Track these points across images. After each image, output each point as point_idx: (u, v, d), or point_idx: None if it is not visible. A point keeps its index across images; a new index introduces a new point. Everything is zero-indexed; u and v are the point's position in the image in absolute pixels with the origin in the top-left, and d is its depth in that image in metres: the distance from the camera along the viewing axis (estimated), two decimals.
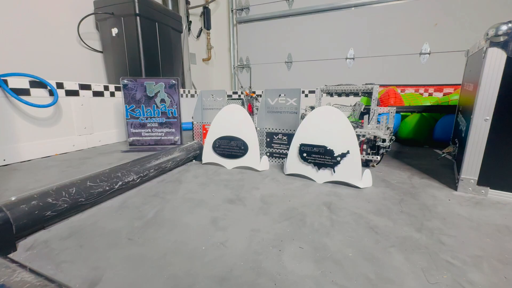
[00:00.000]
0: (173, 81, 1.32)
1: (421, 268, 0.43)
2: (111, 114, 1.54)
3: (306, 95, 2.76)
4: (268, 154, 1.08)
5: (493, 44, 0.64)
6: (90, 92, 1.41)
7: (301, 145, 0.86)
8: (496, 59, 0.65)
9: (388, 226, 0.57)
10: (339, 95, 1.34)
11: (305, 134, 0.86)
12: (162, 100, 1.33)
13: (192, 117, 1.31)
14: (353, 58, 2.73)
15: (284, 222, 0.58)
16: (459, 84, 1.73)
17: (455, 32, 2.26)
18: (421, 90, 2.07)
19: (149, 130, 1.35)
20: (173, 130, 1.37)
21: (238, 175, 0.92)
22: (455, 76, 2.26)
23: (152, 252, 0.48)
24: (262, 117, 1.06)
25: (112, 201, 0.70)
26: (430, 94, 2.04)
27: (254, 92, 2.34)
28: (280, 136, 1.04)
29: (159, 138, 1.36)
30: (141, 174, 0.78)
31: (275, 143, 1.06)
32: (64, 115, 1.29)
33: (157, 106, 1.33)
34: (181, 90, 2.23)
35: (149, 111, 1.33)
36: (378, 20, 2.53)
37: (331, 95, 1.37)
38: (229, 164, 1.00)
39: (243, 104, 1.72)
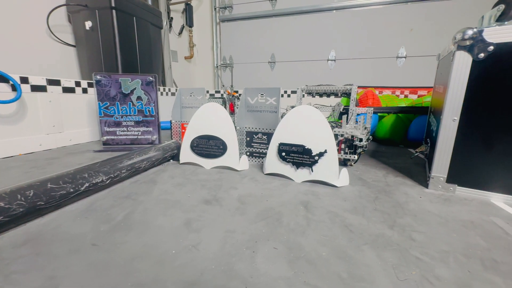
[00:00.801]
0: (151, 78, 1.27)
1: (391, 265, 0.43)
2: (84, 112, 1.46)
3: (289, 95, 2.78)
4: (248, 153, 1.07)
5: (460, 47, 0.67)
6: (59, 88, 1.32)
7: (280, 144, 0.86)
8: (463, 62, 0.68)
9: (362, 224, 0.57)
10: (320, 95, 1.35)
11: (284, 134, 0.86)
12: (139, 98, 1.27)
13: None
14: (334, 60, 2.79)
15: (260, 222, 0.57)
16: (432, 87, 1.82)
17: (429, 37, 2.37)
18: (398, 92, 2.16)
19: (125, 129, 1.29)
20: (151, 129, 1.32)
21: (216, 175, 0.90)
22: (428, 79, 2.37)
23: (118, 258, 0.45)
24: (242, 116, 1.04)
25: (77, 204, 0.65)
26: (406, 96, 2.13)
27: (236, 92, 2.32)
28: (260, 135, 1.03)
29: (135, 137, 1.31)
30: (112, 175, 0.73)
31: (255, 143, 1.04)
32: (29, 112, 1.20)
33: (133, 104, 1.27)
34: (161, 88, 2.17)
35: (124, 109, 1.27)
36: (358, 24, 2.61)
37: (313, 95, 1.39)
38: (208, 164, 0.98)
39: (225, 103, 1.69)
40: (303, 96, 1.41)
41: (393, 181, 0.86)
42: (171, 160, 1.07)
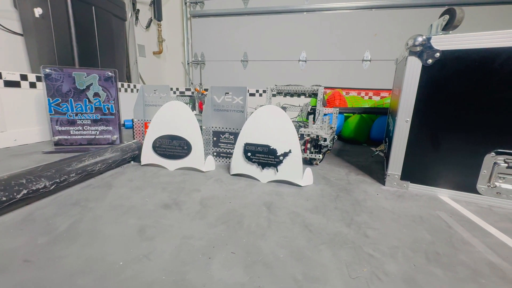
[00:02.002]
0: (110, 73, 1.18)
1: (345, 264, 0.44)
2: (31, 109, 1.31)
3: (261, 95, 2.79)
4: (215, 154, 1.04)
5: (411, 53, 0.72)
6: (0, 82, 1.16)
7: (246, 144, 0.85)
8: (414, 67, 0.72)
9: (322, 223, 0.58)
10: (292, 95, 1.37)
11: (249, 134, 0.84)
12: (96, 94, 1.17)
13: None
14: (305, 61, 2.86)
15: (220, 226, 0.55)
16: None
17: (391, 42, 2.53)
18: (363, 94, 2.28)
19: (80, 128, 1.18)
20: (111, 128, 1.22)
21: (180, 176, 0.86)
22: (390, 81, 2.53)
23: (54, 275, 0.40)
24: (208, 115, 1.01)
25: (13, 214, 0.58)
26: (370, 97, 2.25)
27: (206, 90, 2.27)
28: (227, 135, 1.01)
29: (92, 137, 1.20)
30: (57, 180, 0.66)
31: (222, 143, 1.02)
32: None
33: (89, 101, 1.17)
34: (126, 84, 2.03)
35: (79, 106, 1.16)
36: (327, 27, 2.69)
37: (284, 95, 1.40)
38: (171, 165, 0.93)
39: (194, 102, 1.64)
40: (275, 95, 1.42)
41: (354, 179, 0.90)
42: (132, 162, 1.00)
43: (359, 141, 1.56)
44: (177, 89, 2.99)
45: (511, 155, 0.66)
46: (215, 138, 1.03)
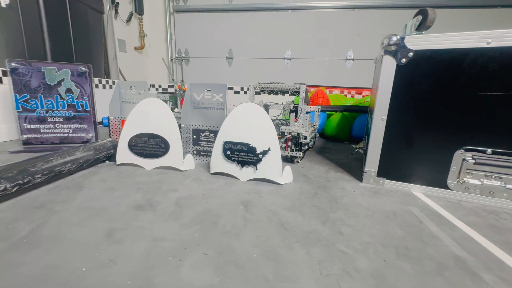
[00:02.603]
0: (83, 68, 1.12)
1: (317, 261, 0.44)
2: None
3: (245, 92, 2.77)
4: (195, 152, 1.02)
5: (386, 52, 0.73)
6: None
7: (225, 142, 0.83)
8: (389, 66, 0.74)
9: (298, 221, 0.58)
10: (276, 93, 1.37)
11: (228, 132, 0.83)
12: (69, 90, 1.11)
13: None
14: (290, 59, 2.87)
15: (194, 227, 0.54)
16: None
17: (373, 42, 2.59)
18: (345, 92, 2.32)
19: (51, 126, 1.12)
20: (85, 126, 1.17)
21: (157, 176, 0.83)
22: (372, 80, 2.59)
23: (7, 285, 0.37)
24: (188, 113, 0.98)
25: None
26: (352, 96, 2.30)
27: None
28: (207, 133, 0.99)
29: (65, 135, 1.14)
30: (20, 182, 0.62)
31: (202, 141, 1.00)
32: None
33: (61, 97, 1.11)
34: (104, 80, 1.95)
35: (50, 102, 1.10)
36: (312, 26, 2.71)
37: (269, 93, 1.39)
38: (149, 164, 0.90)
39: (176, 99, 1.60)
40: (259, 93, 1.41)
41: (333, 176, 0.91)
42: (107, 161, 0.96)
43: (341, 138, 1.59)
44: (160, 85, 2.91)
45: (478, 151, 0.69)
46: (195, 136, 1.00)
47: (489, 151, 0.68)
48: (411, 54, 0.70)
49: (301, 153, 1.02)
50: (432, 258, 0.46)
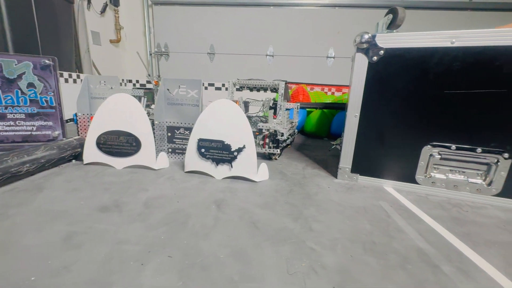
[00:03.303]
0: (47, 61, 1.04)
1: (286, 259, 0.44)
2: None
3: (227, 89, 2.73)
4: (170, 150, 0.99)
5: (358, 50, 0.74)
6: None
7: (199, 140, 0.81)
8: (361, 63, 0.74)
9: (270, 218, 0.58)
10: (258, 90, 1.35)
11: (203, 129, 0.81)
12: (31, 85, 1.03)
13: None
14: (273, 56, 2.86)
15: (161, 228, 0.52)
16: None
17: (353, 41, 2.64)
18: (326, 89, 2.36)
19: (12, 123, 1.03)
20: (51, 123, 1.09)
21: (127, 175, 0.80)
22: None
23: None
24: (162, 109, 0.95)
25: None
26: (333, 93, 2.34)
27: None
28: (182, 130, 0.96)
29: (28, 133, 1.06)
30: None
31: (177, 138, 0.97)
32: None
33: (22, 92, 1.03)
34: (75, 75, 1.84)
35: (9, 98, 1.02)
36: (294, 23, 2.72)
37: (251, 90, 1.38)
38: (119, 163, 0.86)
39: (153, 95, 1.54)
40: (240, 89, 1.39)
41: (310, 173, 0.92)
42: (74, 161, 0.90)
43: (321, 135, 1.61)
44: (137, 81, 2.80)
45: (444, 147, 0.72)
46: (169, 134, 0.97)
47: (454, 146, 0.71)
48: (382, 52, 0.71)
49: (279, 150, 1.02)
50: (397, 252, 0.47)
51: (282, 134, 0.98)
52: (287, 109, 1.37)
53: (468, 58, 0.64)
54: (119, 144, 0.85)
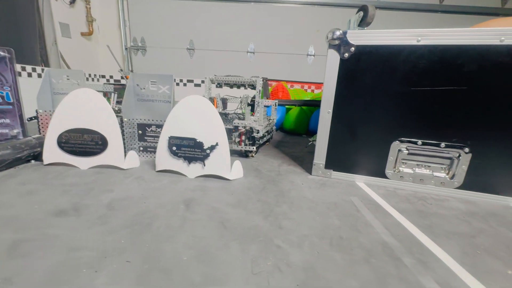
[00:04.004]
0: (1, 53, 0.95)
1: (251, 259, 0.43)
2: None
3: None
4: (141, 148, 0.94)
5: (330, 46, 0.74)
6: None
7: (170, 137, 0.78)
8: (333, 60, 0.75)
9: (240, 217, 0.56)
10: (238, 87, 1.33)
11: (174, 126, 0.78)
12: None
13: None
14: (253, 53, 2.84)
15: (122, 232, 0.49)
16: None
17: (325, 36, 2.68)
18: (306, 87, 2.38)
19: None
20: (8, 121, 1.00)
21: (92, 176, 0.75)
22: None
23: None
24: (131, 106, 0.90)
25: None
26: (312, 91, 2.37)
27: None
28: (153, 128, 0.92)
29: None
30: None
31: (149, 136, 0.93)
32: None
33: None
34: (39, 69, 1.71)
35: None
36: (274, 20, 2.71)
37: (231, 86, 1.35)
38: (83, 163, 0.81)
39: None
40: (220, 86, 1.37)
41: (285, 170, 0.92)
42: (33, 161, 0.84)
43: (299, 132, 1.62)
44: (111, 76, 2.67)
45: (411, 142, 0.74)
46: (140, 132, 0.93)
47: (420, 142, 0.73)
48: (353, 48, 0.72)
49: (255, 147, 1.01)
50: (362, 246, 0.48)
51: (258, 131, 0.97)
52: (265, 106, 1.36)
53: (432, 56, 0.67)
54: (83, 143, 0.79)
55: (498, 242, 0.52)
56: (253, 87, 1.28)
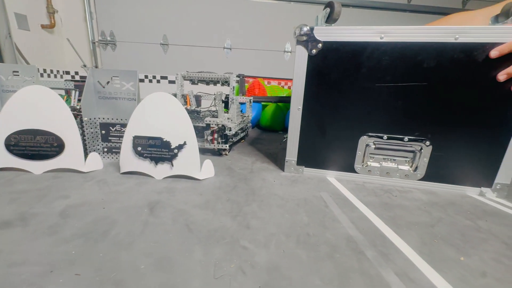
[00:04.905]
0: None
1: (214, 263, 0.41)
2: None
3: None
4: (105, 150, 0.88)
5: (298, 42, 0.74)
6: None
7: (135, 137, 0.74)
8: (301, 56, 0.74)
9: (207, 219, 0.54)
10: (215, 83, 1.29)
11: (138, 125, 0.73)
12: None
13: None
14: (230, 49, 2.80)
15: (75, 241, 0.45)
16: None
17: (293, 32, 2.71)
18: (283, 83, 2.40)
19: None
20: None
21: (46, 181, 0.69)
22: None
23: None
24: (92, 104, 0.84)
25: None
26: (289, 88, 2.39)
27: None
28: (118, 127, 0.86)
29: None
30: None
31: (113, 136, 0.87)
32: None
33: None
34: None
35: None
36: (251, 15, 2.68)
37: (207, 83, 1.31)
38: (37, 167, 0.74)
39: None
40: (195, 83, 1.32)
41: (259, 167, 0.91)
42: None
43: (275, 129, 1.62)
44: (77, 72, 2.50)
45: (377, 137, 0.76)
46: (103, 132, 0.87)
47: (385, 136, 0.76)
48: (320, 45, 0.72)
49: (228, 145, 0.99)
50: (328, 242, 0.48)
51: (230, 129, 0.95)
52: (241, 103, 1.34)
53: (394, 53, 0.68)
54: (36, 145, 0.73)
55: (454, 230, 0.55)
56: (227, 83, 1.25)
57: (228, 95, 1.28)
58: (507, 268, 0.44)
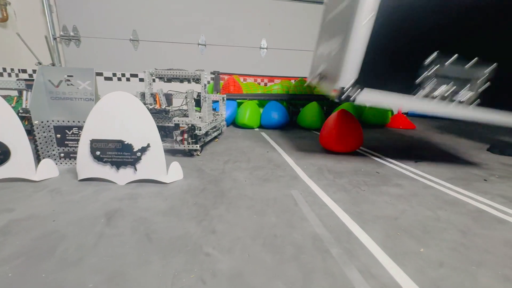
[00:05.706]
0: None
1: (174, 273, 0.39)
2: None
3: (154, 80, 2.50)
4: (62, 155, 0.81)
5: None
6: None
7: (92, 141, 0.68)
8: None
9: (170, 226, 0.51)
10: (189, 81, 1.23)
11: (96, 128, 0.68)
12: None
13: None
14: (205, 45, 2.72)
15: (14, 262, 0.40)
16: (286, 77, 2.11)
17: (284, 32, 2.71)
18: (259, 80, 2.38)
19: None
20: None
21: None
22: (285, 69, 2.72)
23: None
24: (43, 105, 0.76)
25: None
26: (265, 84, 2.37)
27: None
28: (75, 130, 0.79)
29: None
30: None
31: (70, 140, 0.80)
32: None
33: None
34: None
35: None
36: (226, 12, 2.62)
37: (181, 81, 1.25)
38: None
39: None
40: (170, 81, 1.26)
41: (231, 167, 0.88)
42: None
43: (251, 127, 1.60)
44: (34, 71, 2.29)
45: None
46: (59, 135, 0.79)
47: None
48: None
49: (199, 145, 0.95)
50: (294, 243, 0.47)
51: (200, 129, 0.92)
52: (214, 101, 1.31)
53: None
54: None
55: (416, 222, 0.57)
56: (198, 81, 1.21)
57: (200, 93, 1.24)
58: (463, 256, 0.46)
